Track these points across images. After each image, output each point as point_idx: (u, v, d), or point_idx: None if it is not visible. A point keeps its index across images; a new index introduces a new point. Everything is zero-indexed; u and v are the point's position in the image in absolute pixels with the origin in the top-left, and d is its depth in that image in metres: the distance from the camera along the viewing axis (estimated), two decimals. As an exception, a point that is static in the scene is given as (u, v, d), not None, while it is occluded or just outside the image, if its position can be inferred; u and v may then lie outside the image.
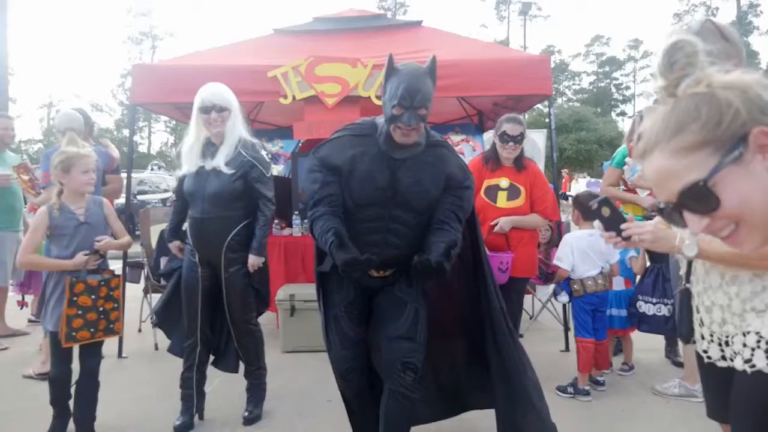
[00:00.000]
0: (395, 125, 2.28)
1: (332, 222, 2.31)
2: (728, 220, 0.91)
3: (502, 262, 3.49)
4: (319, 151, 2.45)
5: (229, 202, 3.11)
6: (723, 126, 0.89)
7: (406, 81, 2.25)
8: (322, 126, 4.62)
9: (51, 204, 2.91)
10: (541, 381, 3.79)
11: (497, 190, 3.66)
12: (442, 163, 2.43)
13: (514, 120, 3.65)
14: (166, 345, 4.74)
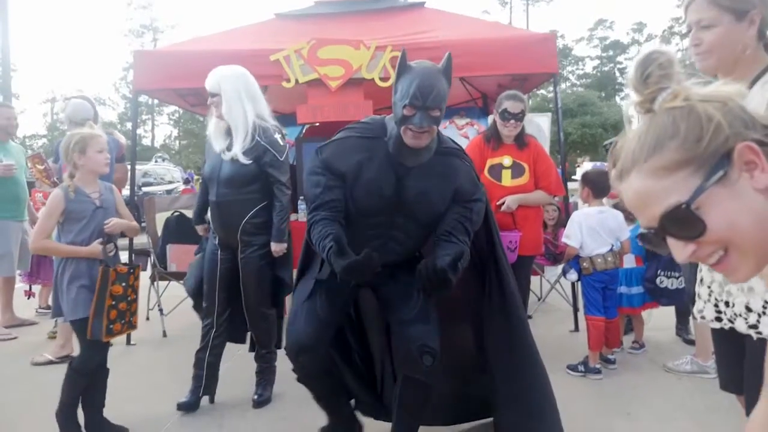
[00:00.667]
0: (406, 127, 2.13)
1: (331, 227, 2.17)
2: (716, 246, 0.83)
3: (511, 241, 3.46)
4: (323, 152, 2.29)
5: (243, 185, 3.10)
6: (704, 142, 0.81)
7: (419, 79, 2.10)
8: (326, 109, 4.59)
9: (66, 186, 2.81)
10: (551, 361, 3.76)
11: (501, 169, 3.64)
12: (453, 175, 2.29)
13: (514, 97, 3.62)
14: (173, 332, 4.81)
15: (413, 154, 2.23)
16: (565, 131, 22.95)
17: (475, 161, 3.63)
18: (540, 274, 5.29)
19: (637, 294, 3.91)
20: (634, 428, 2.87)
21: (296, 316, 2.37)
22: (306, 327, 2.32)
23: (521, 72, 4.70)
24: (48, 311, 5.62)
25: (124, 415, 3.06)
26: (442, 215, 2.31)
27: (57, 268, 2.86)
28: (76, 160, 2.81)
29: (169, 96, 5.38)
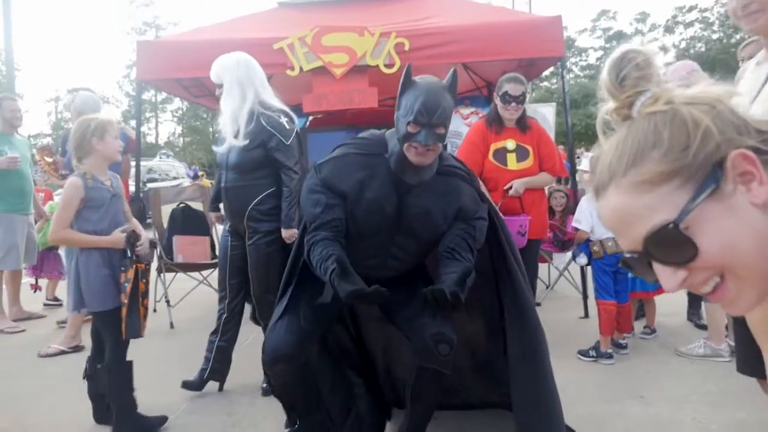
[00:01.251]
0: (409, 144, 2.06)
1: (332, 248, 2.07)
2: (710, 272, 0.72)
3: (522, 225, 3.42)
4: (322, 170, 2.21)
5: (249, 171, 3.08)
6: (691, 151, 0.70)
7: (425, 96, 2.03)
8: (332, 97, 4.55)
9: (83, 174, 2.73)
10: (561, 347, 3.78)
11: (505, 153, 3.60)
12: (455, 195, 2.23)
13: (515, 80, 3.58)
14: (181, 324, 4.79)
15: (415, 171, 2.17)
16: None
17: (479, 146, 3.62)
18: (548, 261, 5.24)
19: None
20: (647, 411, 2.83)
21: (276, 324, 2.28)
22: (286, 335, 2.22)
23: (527, 56, 4.65)
24: (55, 303, 5.63)
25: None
26: (444, 233, 2.24)
27: (75, 260, 2.75)
28: (94, 144, 2.74)
29: (173, 87, 5.35)
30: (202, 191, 5.49)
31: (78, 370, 2.89)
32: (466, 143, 3.76)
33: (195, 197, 5.39)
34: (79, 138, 2.76)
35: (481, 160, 3.62)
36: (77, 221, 2.73)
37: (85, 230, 2.72)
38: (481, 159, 3.62)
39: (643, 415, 2.79)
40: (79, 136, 2.76)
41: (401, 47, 4.43)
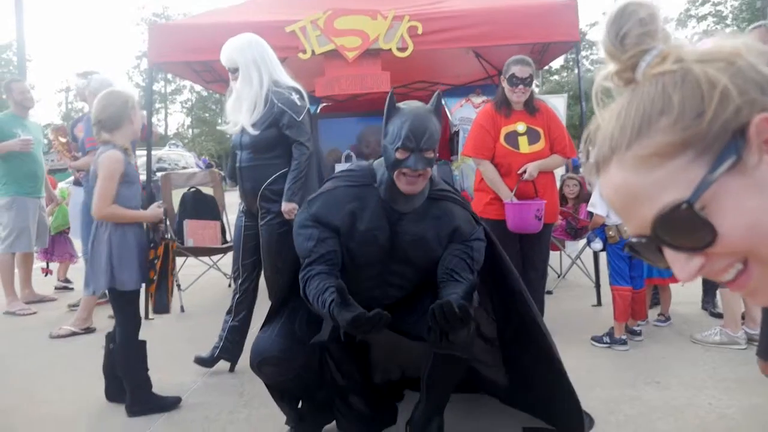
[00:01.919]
0: (399, 171, 2.04)
1: (329, 281, 2.00)
2: (732, 258, 0.61)
3: (539, 209, 3.39)
4: (312, 206, 2.17)
5: (264, 151, 3.06)
6: (707, 116, 0.58)
7: (411, 121, 2.02)
8: (344, 81, 4.51)
9: (121, 147, 2.72)
10: (573, 334, 3.76)
11: (516, 136, 3.57)
12: (448, 218, 2.19)
13: (522, 62, 3.53)
14: (191, 307, 4.79)
15: (406, 199, 2.14)
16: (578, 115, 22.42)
17: (489, 130, 3.58)
18: (561, 249, 5.20)
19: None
20: (663, 396, 2.79)
21: (271, 325, 2.24)
22: (277, 337, 2.17)
23: (541, 41, 4.59)
24: (66, 283, 5.64)
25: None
26: (440, 258, 2.19)
27: (107, 237, 2.70)
28: (132, 116, 2.75)
29: (185, 72, 5.32)
30: (213, 176, 5.48)
31: (89, 351, 2.90)
32: (475, 128, 3.72)
33: (206, 182, 5.38)
34: (115, 109, 2.73)
35: (492, 144, 3.58)
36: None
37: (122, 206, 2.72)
38: (492, 143, 3.58)
39: (659, 400, 2.76)
40: (117, 108, 2.73)
41: (414, 31, 4.38)
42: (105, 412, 2.83)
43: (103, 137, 2.74)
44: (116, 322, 2.81)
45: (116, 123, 2.74)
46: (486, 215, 3.62)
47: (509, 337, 2.51)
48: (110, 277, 2.69)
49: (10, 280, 4.90)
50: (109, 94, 2.78)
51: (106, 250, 2.69)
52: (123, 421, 2.74)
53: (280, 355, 2.15)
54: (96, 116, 2.76)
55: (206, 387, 3.13)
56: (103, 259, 2.69)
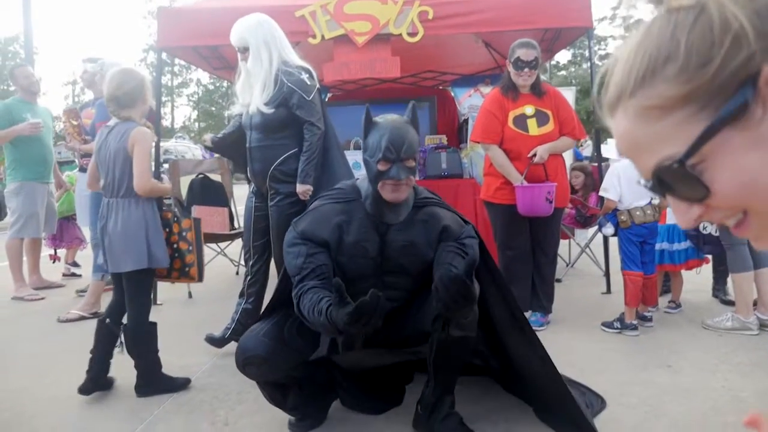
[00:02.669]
0: (383, 182, 2.08)
1: (323, 293, 1.96)
2: (730, 210, 0.60)
3: (549, 192, 3.37)
4: (299, 225, 2.16)
5: (273, 131, 3.06)
6: (712, 67, 0.53)
7: (389, 133, 2.07)
8: (353, 66, 4.49)
9: (145, 124, 2.76)
10: (583, 320, 3.74)
11: (525, 119, 3.55)
12: (435, 220, 2.21)
13: (527, 45, 3.51)
14: (199, 294, 4.79)
15: (392, 210, 2.17)
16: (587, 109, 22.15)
17: (497, 114, 3.56)
18: (570, 237, 5.17)
19: (679, 250, 3.78)
20: (676, 380, 2.77)
21: (260, 324, 2.23)
22: (264, 337, 2.14)
23: (553, 26, 4.56)
24: (74, 268, 5.66)
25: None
26: (433, 261, 2.18)
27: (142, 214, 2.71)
28: (146, 95, 2.78)
29: (193, 57, 5.32)
30: (221, 163, 5.47)
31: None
32: (482, 113, 3.70)
33: (213, 169, 5.38)
34: (132, 87, 2.74)
35: (500, 128, 3.55)
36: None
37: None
38: (500, 127, 3.55)
39: (672, 383, 2.73)
40: (133, 86, 2.74)
41: (425, 16, 4.36)
42: (114, 393, 2.83)
43: (123, 114, 2.75)
44: (131, 303, 2.79)
45: (133, 100, 2.75)
46: (496, 200, 3.61)
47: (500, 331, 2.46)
48: (148, 255, 2.70)
49: (18, 266, 4.91)
50: (124, 71, 2.79)
51: (144, 227, 2.71)
52: (132, 401, 2.74)
53: (265, 356, 2.12)
54: (111, 93, 2.74)
55: (215, 369, 3.13)
56: (141, 237, 2.69)
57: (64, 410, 2.68)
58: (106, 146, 2.77)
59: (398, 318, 2.26)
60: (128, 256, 2.69)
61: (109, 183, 2.75)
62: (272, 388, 2.32)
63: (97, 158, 2.84)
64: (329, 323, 1.81)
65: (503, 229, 3.64)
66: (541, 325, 3.62)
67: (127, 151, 2.71)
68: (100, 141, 2.82)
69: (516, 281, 3.65)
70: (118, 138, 2.72)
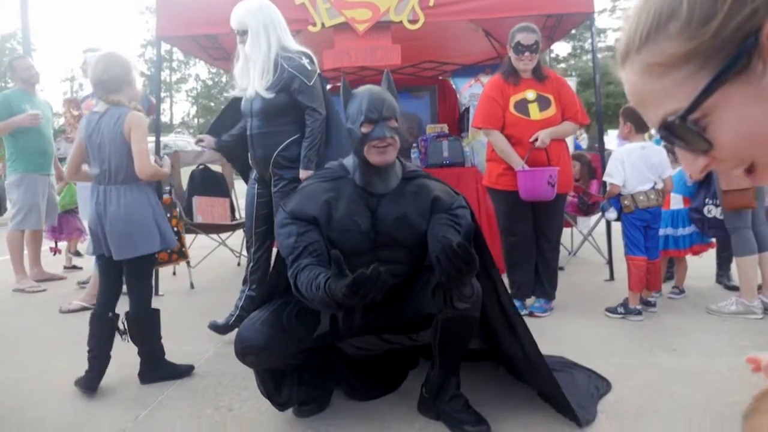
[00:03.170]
0: (369, 144, 2.08)
1: (320, 269, 1.94)
2: (735, 162, 0.61)
3: (551, 175, 3.35)
4: (287, 205, 2.16)
5: (275, 117, 3.05)
6: (715, 24, 0.54)
7: (368, 96, 2.11)
8: (354, 53, 4.47)
9: (137, 107, 2.74)
10: (586, 306, 3.74)
11: (526, 103, 3.53)
12: (425, 191, 2.21)
13: (526, 29, 3.49)
14: (201, 284, 4.79)
15: (381, 179, 2.17)
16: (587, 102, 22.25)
17: (498, 99, 3.54)
18: (573, 225, 5.16)
19: (684, 236, 3.77)
20: (682, 363, 2.77)
21: (258, 313, 2.21)
22: (262, 326, 2.13)
23: (554, 12, 4.53)
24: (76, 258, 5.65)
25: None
26: (426, 232, 2.17)
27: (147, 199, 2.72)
28: (134, 80, 2.75)
29: (193, 48, 5.29)
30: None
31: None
32: (483, 99, 3.68)
33: (214, 160, 5.36)
34: (118, 71, 2.70)
35: (500, 113, 3.54)
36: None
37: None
38: (500, 112, 3.54)
39: (677, 366, 2.73)
40: (119, 70, 2.71)
41: (425, 2, 4.33)
42: (117, 381, 2.82)
43: (111, 98, 2.70)
44: (134, 289, 2.78)
45: (119, 84, 2.70)
46: (499, 186, 3.60)
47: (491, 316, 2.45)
48: (160, 237, 2.71)
49: (19, 258, 4.91)
50: (110, 55, 2.74)
51: (150, 210, 2.72)
52: (135, 388, 2.74)
53: (263, 344, 2.11)
54: (98, 77, 2.69)
55: (218, 356, 3.12)
56: (150, 220, 2.70)
57: (68, 398, 2.67)
58: (98, 132, 2.70)
59: (399, 301, 2.26)
60: (138, 241, 2.66)
61: (106, 170, 2.70)
62: (268, 378, 2.29)
63: (87, 144, 2.75)
64: (328, 296, 1.79)
65: (506, 215, 3.63)
66: (545, 311, 3.61)
67: (124, 137, 2.67)
68: (90, 127, 2.73)
69: (519, 267, 3.65)
70: (113, 123, 2.68)
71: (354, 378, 2.52)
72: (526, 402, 2.40)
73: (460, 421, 2.18)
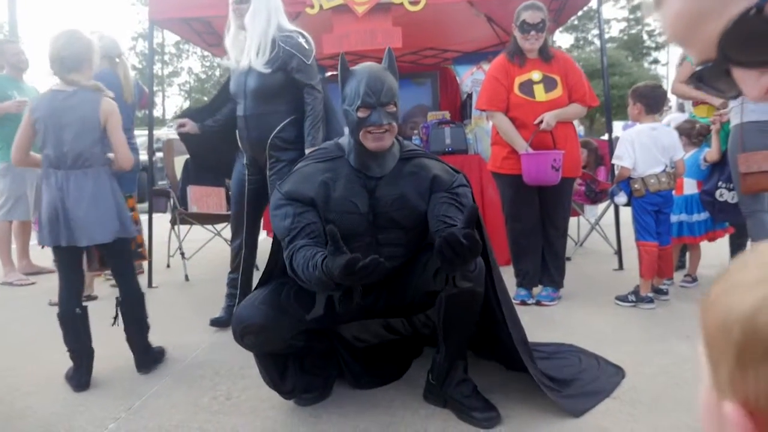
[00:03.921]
0: (365, 130, 2.05)
1: (317, 249, 1.91)
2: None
3: (555, 159, 3.31)
4: (283, 186, 2.13)
5: (271, 98, 3.02)
6: None
7: (366, 77, 2.05)
8: (353, 37, 4.43)
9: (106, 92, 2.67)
10: (596, 295, 3.71)
11: (531, 84, 3.49)
12: (424, 171, 2.17)
13: (532, 6, 3.45)
14: (196, 277, 4.75)
15: (378, 162, 2.15)
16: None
17: (502, 80, 3.50)
18: (580, 213, 5.13)
19: (698, 222, 3.74)
20: (696, 350, 2.72)
21: (256, 293, 2.20)
22: (261, 305, 2.11)
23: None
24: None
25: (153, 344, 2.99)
26: (426, 213, 2.14)
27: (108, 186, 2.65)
28: (94, 60, 2.68)
29: (187, 33, 5.25)
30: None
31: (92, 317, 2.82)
32: (487, 80, 3.64)
33: (209, 148, 5.32)
34: (79, 48, 2.61)
35: (505, 95, 3.50)
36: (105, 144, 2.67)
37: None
38: (505, 94, 3.50)
39: (692, 353, 2.70)
40: (81, 47, 2.62)
41: (427, -17, 4.30)
42: (109, 371, 2.79)
43: (70, 77, 2.59)
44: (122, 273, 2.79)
45: (79, 62, 2.61)
46: (503, 170, 3.56)
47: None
48: (120, 225, 2.65)
49: (6, 249, 4.87)
50: (71, 31, 2.64)
51: (114, 196, 2.66)
52: (129, 378, 2.71)
53: (263, 322, 2.08)
54: (57, 53, 2.58)
55: (215, 346, 3.09)
56: (113, 206, 2.64)
57: (59, 388, 2.64)
58: (62, 113, 2.57)
59: (400, 282, 2.23)
60: (106, 227, 2.61)
61: (67, 153, 2.56)
62: (272, 366, 2.27)
63: (42, 125, 2.59)
64: (325, 276, 1.76)
65: (511, 201, 3.60)
66: (552, 300, 3.58)
67: (99, 121, 2.60)
68: (51, 106, 2.59)
69: (525, 255, 3.62)
70: (86, 106, 2.60)
71: (357, 365, 2.49)
72: (535, 388, 2.37)
73: (468, 408, 2.14)
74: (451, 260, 1.69)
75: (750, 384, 0.39)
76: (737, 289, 0.41)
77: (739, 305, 0.40)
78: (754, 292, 0.39)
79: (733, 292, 0.42)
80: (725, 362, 0.42)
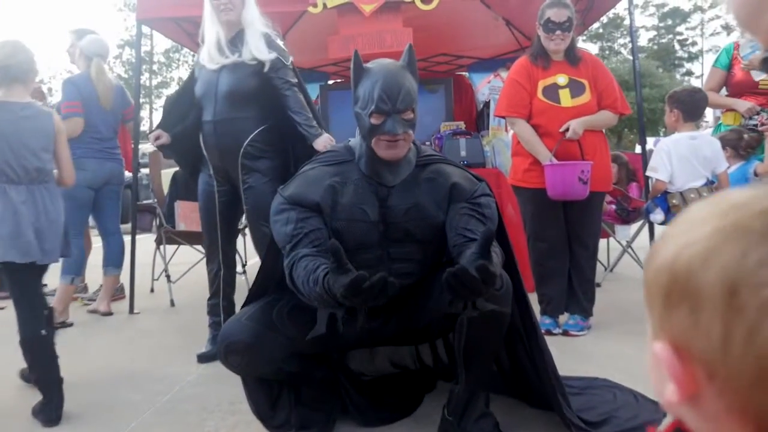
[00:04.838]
0: (377, 137, 2.02)
1: (320, 260, 1.87)
2: None
3: (583, 171, 3.25)
4: (286, 190, 2.11)
5: (245, 102, 3.06)
6: None
7: (382, 80, 1.99)
8: (360, 39, 4.42)
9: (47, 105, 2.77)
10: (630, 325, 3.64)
11: (557, 89, 3.45)
12: (443, 177, 2.14)
13: (558, 3, 3.41)
14: (182, 302, 4.71)
15: (391, 170, 2.12)
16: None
17: (524, 84, 3.47)
18: (611, 234, 5.06)
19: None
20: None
21: (245, 308, 2.19)
22: (248, 321, 2.09)
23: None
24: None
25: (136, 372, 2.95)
26: (443, 225, 2.10)
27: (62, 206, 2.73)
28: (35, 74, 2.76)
29: (177, 34, 5.27)
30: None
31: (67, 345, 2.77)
32: (508, 84, 3.62)
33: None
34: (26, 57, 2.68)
35: (527, 99, 3.47)
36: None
37: None
38: (527, 98, 3.47)
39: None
40: (28, 57, 2.69)
41: (439, -21, 4.31)
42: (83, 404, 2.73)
43: (15, 88, 2.64)
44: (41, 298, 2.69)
45: (25, 72, 2.67)
46: (525, 183, 3.52)
47: None
48: (64, 246, 2.73)
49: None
50: (15, 41, 2.72)
51: (62, 216, 2.72)
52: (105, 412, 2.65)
53: (250, 341, 2.04)
54: (2, 61, 2.62)
55: (202, 378, 3.03)
56: (62, 226, 2.71)
57: (28, 424, 2.58)
58: (22, 124, 2.61)
59: (414, 303, 2.18)
60: (58, 246, 2.69)
61: (23, 167, 2.57)
62: (261, 394, 2.23)
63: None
64: (327, 294, 1.72)
65: (533, 218, 3.54)
66: (581, 330, 3.51)
67: (51, 137, 2.70)
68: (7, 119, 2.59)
69: (550, 279, 3.56)
70: (43, 119, 2.69)
71: (362, 399, 2.43)
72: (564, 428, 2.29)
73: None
74: (463, 296, 1.66)
75: (674, 323, 0.49)
76: (667, 241, 0.52)
77: (665, 254, 0.51)
78: (676, 240, 0.50)
79: (663, 244, 0.52)
80: (657, 306, 0.52)
